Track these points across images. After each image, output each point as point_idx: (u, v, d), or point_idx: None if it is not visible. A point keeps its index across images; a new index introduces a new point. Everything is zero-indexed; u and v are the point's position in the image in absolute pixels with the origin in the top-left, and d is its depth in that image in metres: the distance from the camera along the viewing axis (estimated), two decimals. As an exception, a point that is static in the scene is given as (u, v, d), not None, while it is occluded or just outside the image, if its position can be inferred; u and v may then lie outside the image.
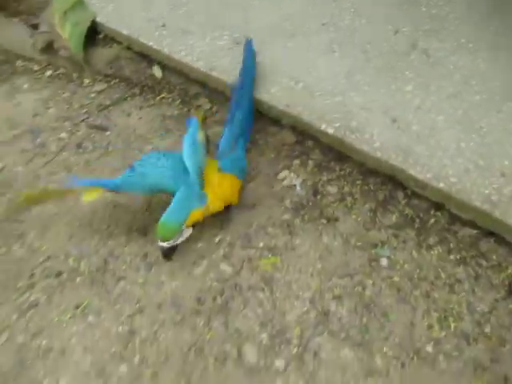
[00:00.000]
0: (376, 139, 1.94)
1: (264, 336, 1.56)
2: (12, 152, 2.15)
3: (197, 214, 1.62)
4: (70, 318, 1.59)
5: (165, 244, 1.56)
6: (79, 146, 2.17)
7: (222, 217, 1.80)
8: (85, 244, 1.79)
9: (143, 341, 1.54)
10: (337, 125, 1.99)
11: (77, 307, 1.61)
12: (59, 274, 1.70)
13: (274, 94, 2.12)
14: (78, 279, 1.69)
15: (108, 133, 2.23)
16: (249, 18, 2.48)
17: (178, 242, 1.61)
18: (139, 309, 1.60)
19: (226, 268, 1.73)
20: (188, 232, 1.64)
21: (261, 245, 1.80)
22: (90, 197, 1.63)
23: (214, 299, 1.64)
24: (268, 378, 1.46)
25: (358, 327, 1.58)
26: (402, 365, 1.51)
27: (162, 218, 1.55)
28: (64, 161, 2.11)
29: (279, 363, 1.49)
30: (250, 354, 1.52)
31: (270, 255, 1.77)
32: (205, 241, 1.79)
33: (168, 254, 1.62)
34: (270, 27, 2.41)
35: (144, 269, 1.72)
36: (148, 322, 1.57)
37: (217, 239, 1.80)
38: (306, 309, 1.63)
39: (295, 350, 1.53)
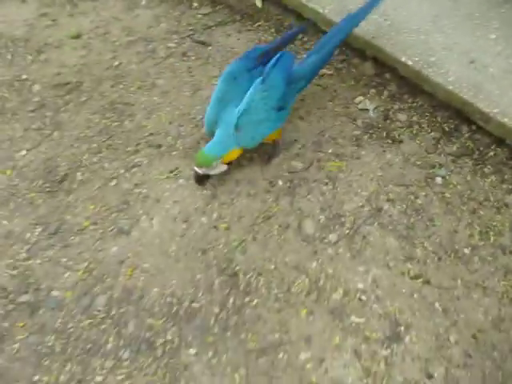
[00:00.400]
0: (451, 74, 2.15)
1: (322, 217, 1.87)
2: (127, 53, 2.58)
3: (234, 154, 1.86)
4: (165, 178, 1.98)
5: (198, 170, 1.82)
6: (184, 54, 2.56)
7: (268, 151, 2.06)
8: (182, 128, 2.17)
9: (221, 203, 1.90)
10: (416, 58, 2.22)
11: (171, 172, 2.00)
12: (159, 146, 2.10)
13: (361, 26, 2.36)
14: (174, 153, 2.08)
15: (209, 48, 2.59)
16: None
17: (211, 173, 1.86)
18: (219, 182, 1.95)
19: (297, 164, 2.05)
20: (223, 168, 1.87)
21: (330, 151, 2.10)
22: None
23: (284, 184, 1.97)
24: (321, 246, 1.78)
25: (405, 224, 1.85)
26: (439, 259, 1.76)
27: (204, 148, 1.82)
28: (170, 64, 2.50)
29: (332, 237, 1.80)
30: (309, 227, 1.83)
31: (336, 160, 2.06)
32: (283, 140, 2.11)
33: (200, 179, 1.88)
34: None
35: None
36: (226, 191, 1.93)
37: (292, 140, 2.11)
38: (361, 204, 1.91)
39: (347, 231, 1.83)
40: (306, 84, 2.07)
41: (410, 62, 2.21)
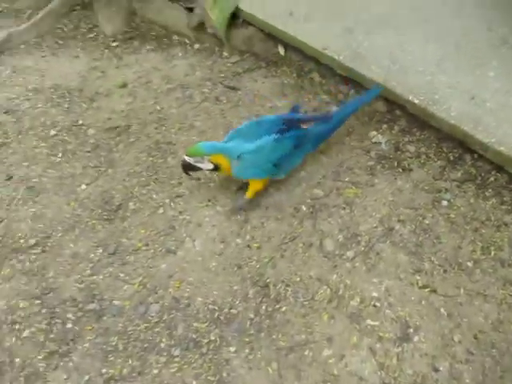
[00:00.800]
0: (454, 110, 2.50)
1: (340, 236, 2.20)
2: (168, 99, 3.02)
3: (222, 161, 2.16)
4: (205, 206, 2.36)
5: (187, 158, 2.14)
6: (217, 98, 2.98)
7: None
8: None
9: (253, 226, 2.26)
10: (422, 97, 2.58)
11: (209, 200, 2.38)
12: (198, 179, 2.49)
13: (373, 70, 2.76)
14: (212, 184, 2.46)
15: (239, 92, 3.01)
16: (361, 11, 3.14)
17: (198, 165, 2.16)
18: (251, 209, 2.32)
19: (318, 191, 2.40)
20: (209, 166, 2.17)
21: (347, 179, 2.45)
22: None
23: (307, 209, 2.32)
24: (340, 261, 2.11)
25: (414, 242, 2.17)
26: (445, 271, 2.07)
27: (200, 143, 2.19)
28: (205, 108, 2.93)
29: (349, 253, 2.13)
30: (329, 245, 2.17)
31: (353, 187, 2.41)
32: (306, 171, 2.47)
33: (185, 168, 2.20)
34: (377, 19, 3.06)
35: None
36: (257, 216, 2.29)
37: (315, 172, 2.47)
38: (375, 225, 2.24)
39: (363, 248, 2.15)
40: (312, 149, 2.44)
41: (416, 101, 2.57)
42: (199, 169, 2.22)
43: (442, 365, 1.79)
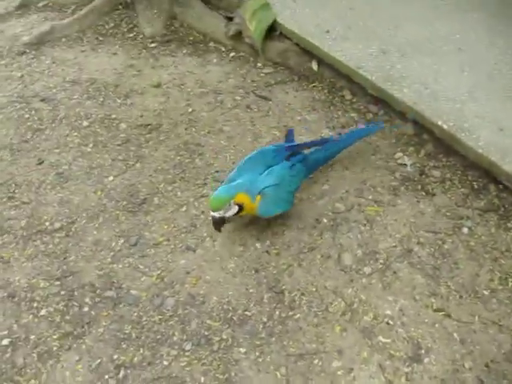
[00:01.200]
0: (482, 139, 2.51)
1: (359, 252, 2.22)
2: (200, 102, 3.08)
3: (242, 197, 2.05)
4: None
5: (215, 214, 2.02)
6: (248, 106, 3.04)
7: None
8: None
9: (274, 233, 2.29)
10: (451, 123, 2.60)
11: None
12: (223, 181, 2.52)
13: (405, 93, 2.79)
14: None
15: (270, 102, 3.06)
16: (397, 34, 3.18)
17: (227, 215, 2.05)
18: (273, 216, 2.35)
19: (340, 206, 2.42)
20: (235, 209, 2.05)
21: (370, 197, 2.47)
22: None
23: (328, 222, 2.34)
24: (356, 276, 2.12)
25: (432, 265, 2.17)
26: (461, 297, 2.06)
27: (215, 193, 2.05)
28: (236, 114, 2.98)
29: (367, 269, 2.14)
30: (347, 259, 2.19)
31: (375, 205, 2.42)
32: (329, 185, 2.50)
33: (218, 224, 2.07)
34: (412, 43, 3.10)
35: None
36: (278, 224, 2.32)
37: (338, 186, 2.50)
38: (394, 244, 2.25)
39: (380, 266, 2.16)
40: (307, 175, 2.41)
41: (445, 126, 2.59)
42: (229, 218, 2.13)
43: (451, 390, 1.78)
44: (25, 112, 3.01)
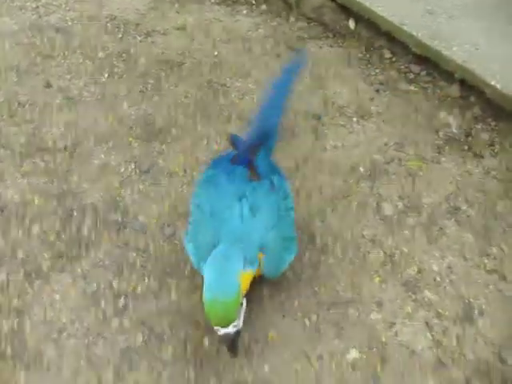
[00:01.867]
0: (539, 101, 2.22)
1: (400, 204, 1.92)
2: (226, 47, 2.80)
3: (247, 276, 1.27)
4: (253, 147, 2.09)
5: (229, 330, 1.19)
6: (278, 55, 2.76)
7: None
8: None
9: (304, 176, 1.99)
10: (504, 84, 2.31)
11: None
12: (249, 120, 2.23)
13: (454, 51, 2.51)
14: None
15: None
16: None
17: (241, 321, 1.25)
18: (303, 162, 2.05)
19: (378, 157, 2.14)
20: (245, 303, 1.28)
21: (411, 152, 2.17)
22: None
23: (365, 172, 2.05)
24: (398, 227, 1.83)
25: (482, 225, 1.87)
26: (516, 260, 1.76)
27: (212, 296, 1.19)
28: (264, 61, 2.70)
29: (409, 221, 1.84)
30: (387, 209, 1.89)
31: (417, 160, 2.13)
32: (366, 135, 2.21)
33: (233, 342, 1.25)
34: (459, 7, 2.83)
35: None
36: (311, 174, 2.02)
37: (375, 138, 2.21)
38: (439, 201, 1.96)
39: (424, 220, 1.86)
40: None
41: (498, 86, 2.30)
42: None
43: (509, 357, 1.48)
44: (36, 39, 2.73)
